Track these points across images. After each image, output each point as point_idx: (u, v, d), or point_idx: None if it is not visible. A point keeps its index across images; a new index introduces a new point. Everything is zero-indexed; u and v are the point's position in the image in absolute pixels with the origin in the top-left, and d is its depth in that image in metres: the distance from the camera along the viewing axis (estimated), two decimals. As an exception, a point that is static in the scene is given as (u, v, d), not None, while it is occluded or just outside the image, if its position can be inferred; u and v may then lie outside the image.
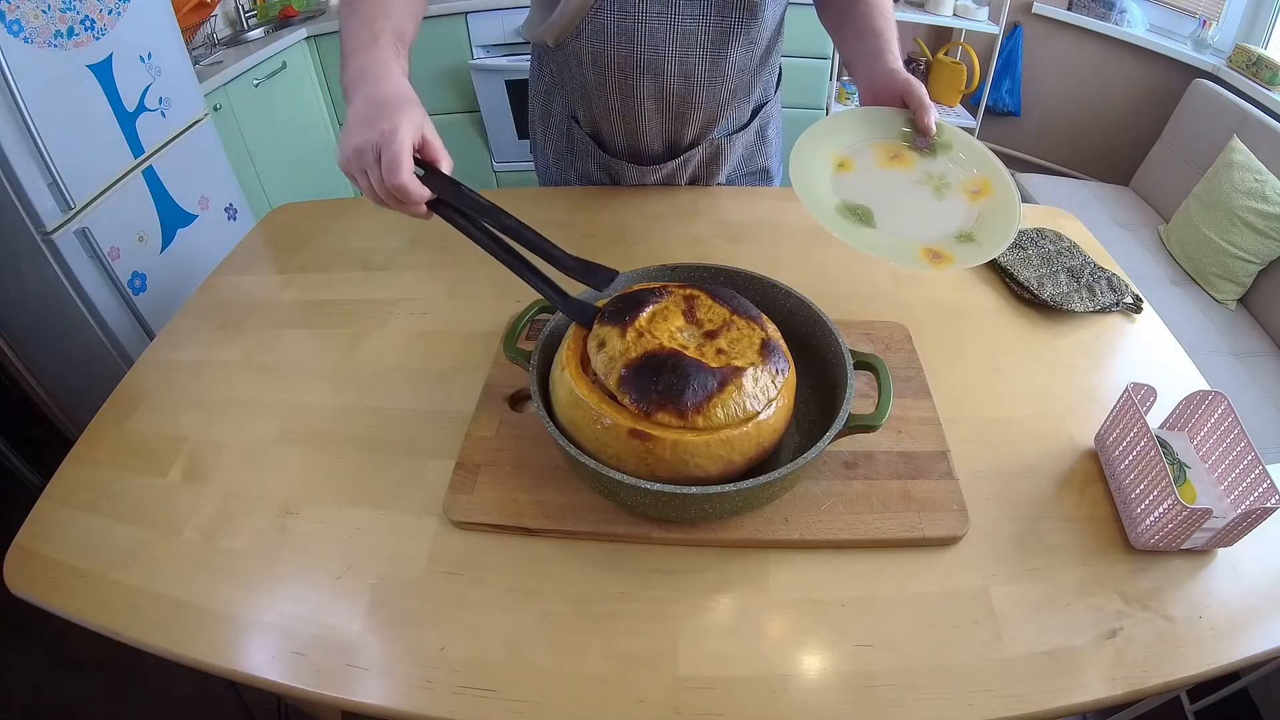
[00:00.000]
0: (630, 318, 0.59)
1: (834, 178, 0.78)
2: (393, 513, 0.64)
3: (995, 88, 2.89)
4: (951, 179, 0.77)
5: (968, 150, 0.79)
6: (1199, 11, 2.40)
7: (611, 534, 0.61)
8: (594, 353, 0.59)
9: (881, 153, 0.80)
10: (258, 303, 0.90)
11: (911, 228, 0.74)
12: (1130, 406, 0.62)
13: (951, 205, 0.76)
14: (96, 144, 1.52)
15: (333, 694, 0.52)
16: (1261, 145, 1.84)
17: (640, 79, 0.87)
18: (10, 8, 1.29)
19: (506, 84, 2.58)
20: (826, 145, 0.80)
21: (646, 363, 0.56)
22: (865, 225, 0.74)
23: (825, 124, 0.81)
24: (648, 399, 0.55)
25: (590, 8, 0.82)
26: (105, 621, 0.57)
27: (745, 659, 0.54)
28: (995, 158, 0.79)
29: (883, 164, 0.79)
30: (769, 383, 0.58)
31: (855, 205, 0.75)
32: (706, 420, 0.55)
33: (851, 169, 0.79)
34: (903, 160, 0.79)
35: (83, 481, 0.69)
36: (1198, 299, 1.85)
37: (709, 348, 0.59)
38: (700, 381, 0.55)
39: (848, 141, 0.80)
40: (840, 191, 0.77)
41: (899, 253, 0.71)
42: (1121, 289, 0.86)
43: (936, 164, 0.79)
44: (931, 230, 0.74)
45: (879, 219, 0.75)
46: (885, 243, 0.72)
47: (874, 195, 0.77)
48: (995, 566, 0.59)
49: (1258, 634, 0.55)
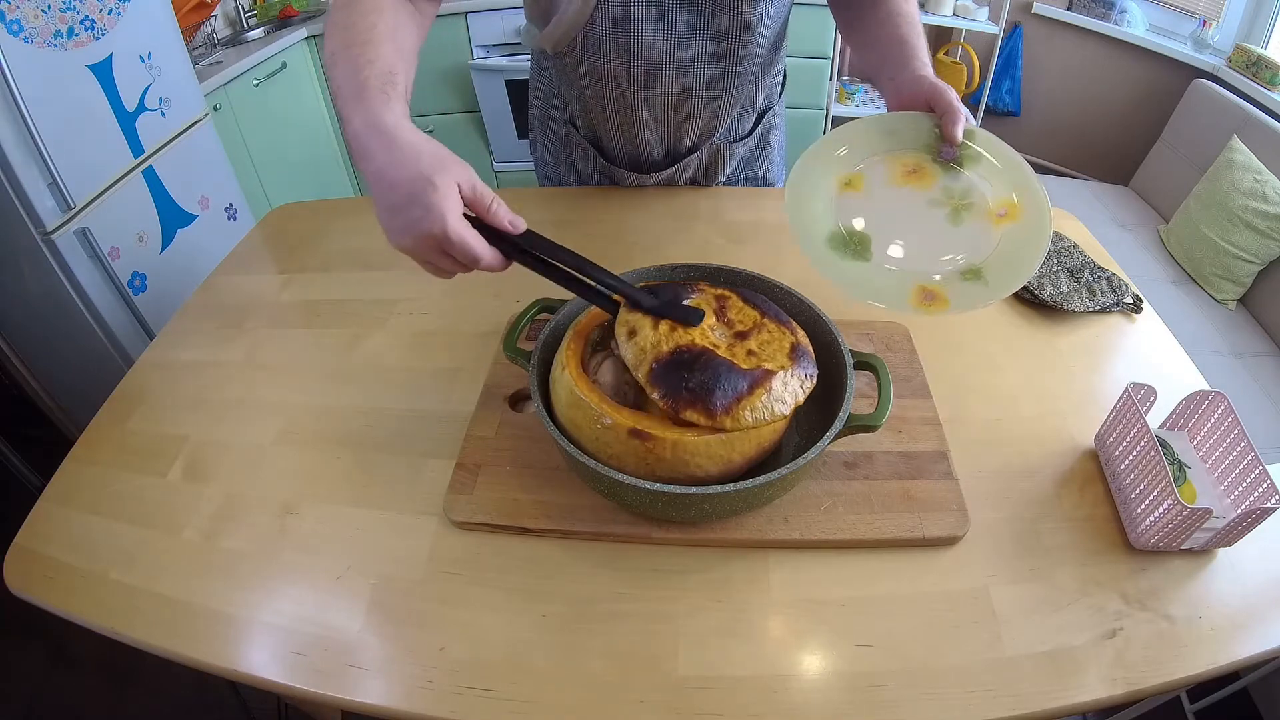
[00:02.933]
0: None
1: (837, 199, 0.70)
2: (393, 513, 0.64)
3: (995, 88, 2.89)
4: (975, 199, 0.68)
5: (1000, 163, 0.69)
6: (1199, 11, 2.40)
7: (611, 534, 0.61)
8: (623, 340, 0.58)
9: (897, 168, 0.71)
10: (258, 303, 0.90)
11: (914, 259, 0.66)
12: (1130, 406, 0.62)
13: (969, 232, 0.67)
14: (96, 144, 1.52)
15: (333, 694, 0.52)
16: (1261, 145, 1.84)
17: (637, 92, 0.87)
18: (10, 8, 1.29)
19: (506, 84, 2.58)
20: (833, 160, 0.72)
21: (678, 358, 0.55)
22: (858, 258, 0.67)
23: (835, 136, 0.74)
24: (677, 396, 0.54)
25: (585, 23, 0.81)
26: (105, 621, 0.57)
27: (745, 659, 0.54)
28: (1030, 172, 0.68)
29: (896, 181, 0.70)
30: (798, 387, 0.58)
31: (853, 233, 0.68)
32: (735, 421, 0.54)
33: (859, 188, 0.71)
34: (921, 176, 0.70)
35: (83, 481, 0.69)
36: (1198, 299, 1.85)
37: (739, 348, 0.59)
38: (731, 383, 0.55)
39: (861, 155, 0.72)
40: (841, 216, 0.69)
41: (888, 292, 0.64)
42: (1121, 289, 0.86)
43: (961, 180, 0.69)
44: (936, 263, 0.66)
45: (877, 249, 0.67)
46: (875, 280, 0.65)
47: (878, 220, 0.69)
48: (995, 566, 0.59)
49: (1258, 634, 0.55)
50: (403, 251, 0.57)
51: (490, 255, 0.56)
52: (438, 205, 0.53)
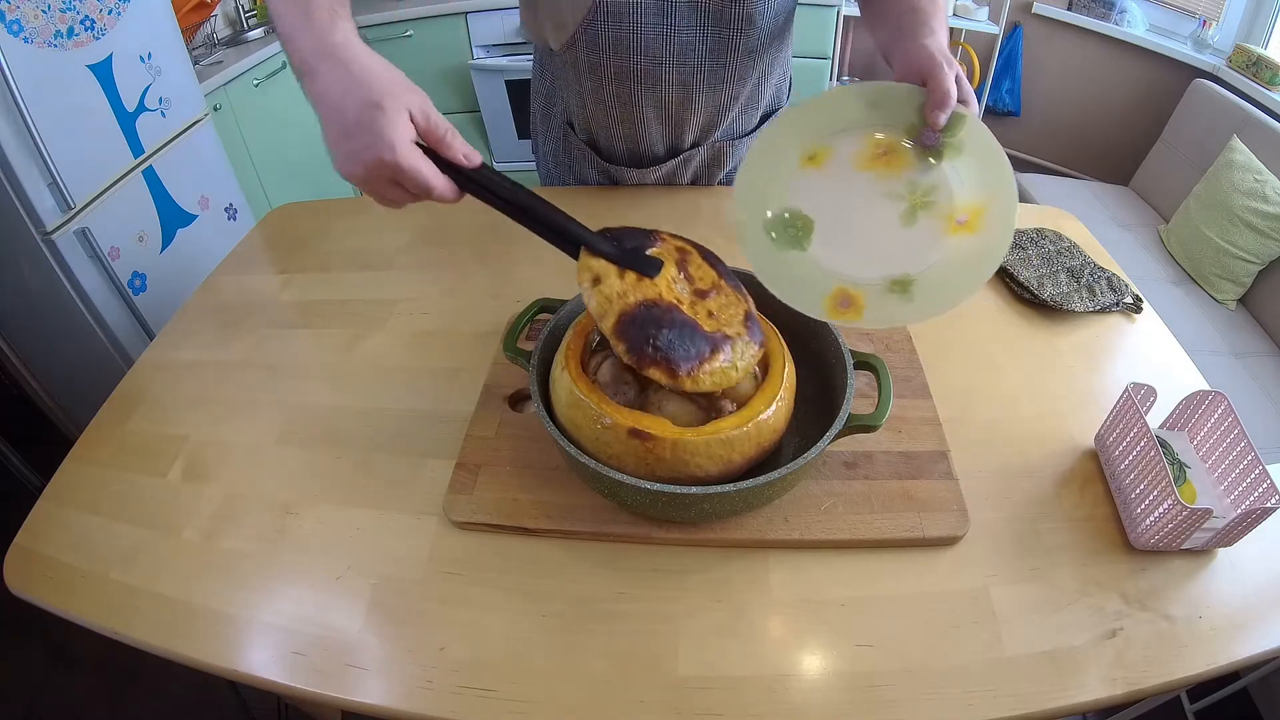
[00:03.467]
0: None
1: (795, 174, 0.64)
2: (393, 513, 0.64)
3: (995, 88, 2.89)
4: (939, 198, 0.60)
5: (982, 162, 0.60)
6: (1199, 11, 2.40)
7: (611, 534, 0.61)
8: (586, 286, 0.56)
9: (870, 148, 0.63)
10: (258, 303, 0.90)
11: (845, 258, 0.60)
12: (1130, 406, 0.62)
13: (917, 235, 0.60)
14: (96, 144, 1.52)
15: (333, 694, 0.52)
16: (1261, 145, 1.84)
17: (638, 88, 0.87)
18: (10, 8, 1.29)
19: (506, 84, 2.58)
20: (803, 129, 0.65)
21: (646, 313, 0.55)
22: (793, 245, 0.61)
23: (813, 103, 0.65)
24: (642, 352, 0.54)
25: (584, 19, 0.81)
26: (105, 621, 0.57)
27: (745, 659, 0.54)
28: (1012, 181, 0.59)
29: (863, 164, 0.63)
30: (750, 356, 0.57)
31: (797, 216, 0.62)
32: (694, 384, 0.54)
33: (821, 165, 0.64)
34: (892, 161, 0.62)
35: (83, 481, 0.69)
36: (1198, 299, 1.85)
37: (700, 308, 0.58)
38: (696, 345, 0.55)
39: (836, 127, 0.64)
40: (793, 194, 0.63)
41: (806, 289, 0.59)
42: (1121, 289, 0.86)
43: (932, 174, 0.61)
44: (867, 266, 0.60)
45: (816, 239, 0.61)
46: (796, 272, 0.60)
47: (828, 205, 0.63)
48: (995, 566, 0.59)
49: (1258, 634, 0.55)
50: (351, 180, 0.55)
51: (443, 184, 0.54)
52: (387, 132, 0.51)
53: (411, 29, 2.55)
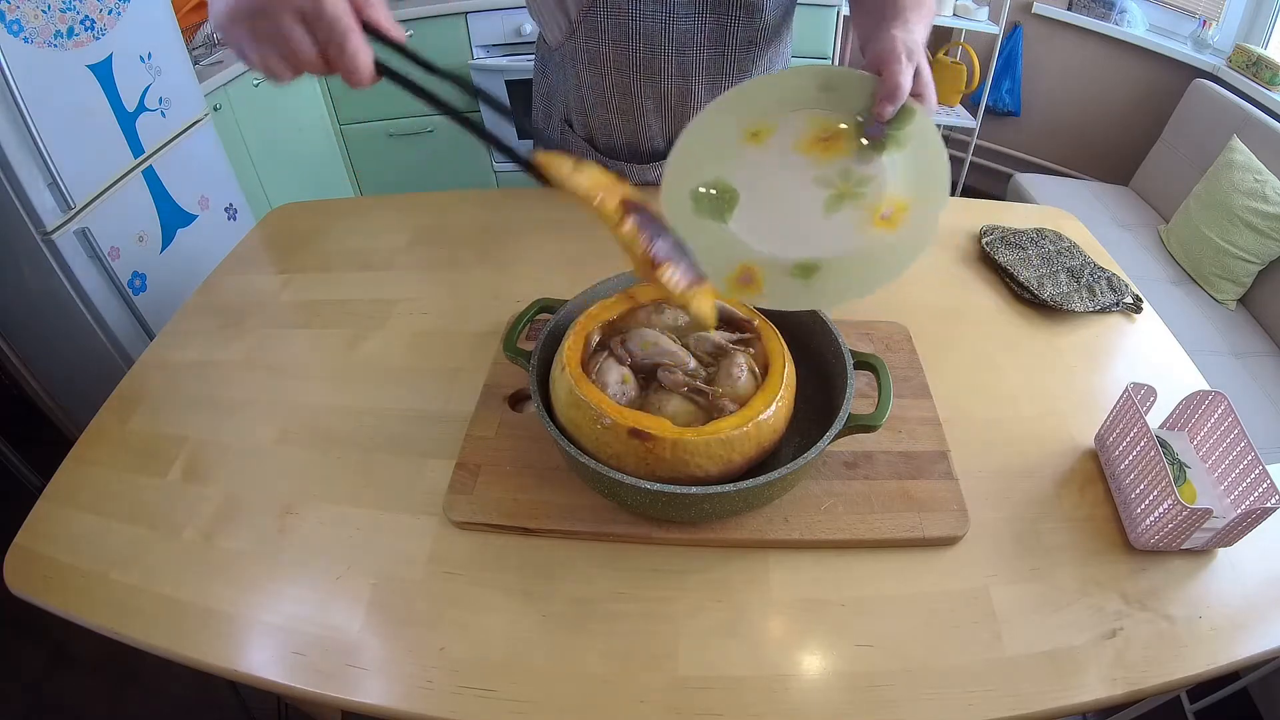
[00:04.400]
0: None
1: (734, 148, 0.64)
2: (393, 513, 0.64)
3: (995, 88, 2.89)
4: (868, 190, 0.60)
5: (920, 160, 0.60)
6: (1199, 11, 2.40)
7: (611, 534, 0.61)
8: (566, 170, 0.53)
9: (813, 130, 0.63)
10: (258, 303, 0.90)
11: (761, 236, 0.61)
12: (1130, 406, 0.62)
13: (836, 225, 0.60)
14: (96, 144, 1.52)
15: (333, 694, 0.52)
16: (1261, 145, 1.84)
17: (637, 79, 0.87)
18: (10, 8, 1.29)
19: (506, 84, 2.58)
20: (753, 105, 0.65)
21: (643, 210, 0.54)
22: (713, 217, 0.61)
23: (767, 79, 0.67)
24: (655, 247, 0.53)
25: (584, 8, 0.81)
26: (105, 621, 0.57)
27: (745, 659, 0.54)
28: (945, 182, 0.59)
29: (803, 146, 0.63)
30: None
31: (725, 188, 0.62)
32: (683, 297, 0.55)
33: (762, 143, 0.64)
34: (831, 147, 0.62)
35: (83, 481, 0.69)
36: (1198, 299, 1.85)
37: None
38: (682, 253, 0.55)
39: (786, 107, 0.64)
40: (726, 168, 0.63)
41: (711, 261, 0.59)
42: (1121, 289, 0.86)
43: (868, 166, 0.61)
44: (780, 247, 0.60)
45: (737, 214, 0.61)
46: (707, 244, 0.60)
47: (757, 182, 0.63)
48: (995, 566, 0.59)
49: (1258, 634, 0.55)
50: (234, 19, 0.44)
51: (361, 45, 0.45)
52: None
53: (411, 29, 2.55)
